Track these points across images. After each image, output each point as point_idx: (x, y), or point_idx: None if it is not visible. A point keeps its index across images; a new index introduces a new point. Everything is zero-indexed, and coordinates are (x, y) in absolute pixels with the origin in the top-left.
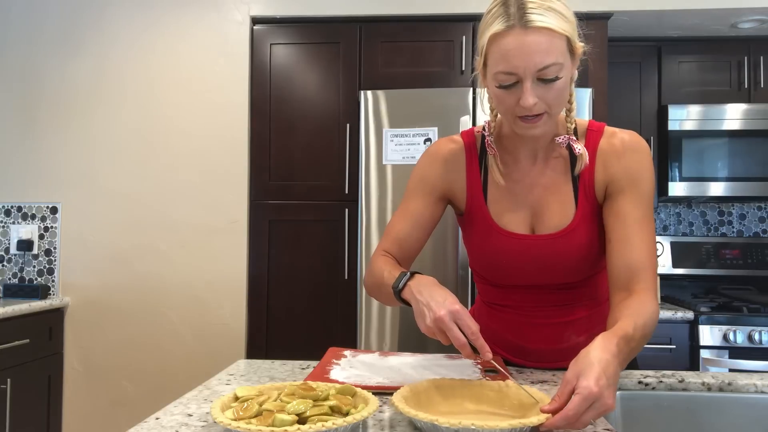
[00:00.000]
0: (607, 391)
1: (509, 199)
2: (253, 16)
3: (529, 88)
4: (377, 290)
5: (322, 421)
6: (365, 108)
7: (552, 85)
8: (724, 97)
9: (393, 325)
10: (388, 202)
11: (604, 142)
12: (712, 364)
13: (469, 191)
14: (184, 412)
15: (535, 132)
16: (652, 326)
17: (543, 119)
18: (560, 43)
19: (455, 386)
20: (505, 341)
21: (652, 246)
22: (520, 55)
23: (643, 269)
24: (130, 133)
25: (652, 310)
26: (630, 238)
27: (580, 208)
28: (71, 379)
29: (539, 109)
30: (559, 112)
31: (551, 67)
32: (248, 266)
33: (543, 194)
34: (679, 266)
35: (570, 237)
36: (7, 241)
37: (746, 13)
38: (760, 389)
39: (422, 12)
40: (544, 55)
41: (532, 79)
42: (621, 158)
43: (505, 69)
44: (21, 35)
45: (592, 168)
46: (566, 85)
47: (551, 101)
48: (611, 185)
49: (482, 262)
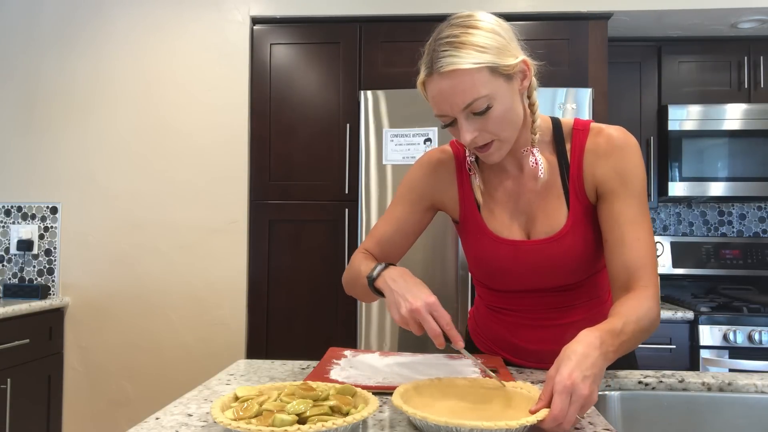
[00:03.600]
0: (583, 382)
1: (502, 207)
2: (253, 16)
3: (463, 125)
4: (353, 284)
5: (322, 421)
6: (365, 108)
7: (487, 116)
8: (724, 97)
9: (393, 325)
10: (388, 202)
11: (590, 142)
12: (712, 364)
13: (462, 201)
14: (184, 412)
15: (493, 158)
16: (650, 320)
17: (494, 146)
18: (478, 76)
19: (456, 385)
20: (504, 342)
21: (648, 243)
22: (441, 99)
23: (641, 267)
24: (130, 133)
25: (648, 305)
26: (625, 239)
27: (572, 210)
28: (71, 379)
29: (483, 139)
30: (509, 136)
31: (476, 102)
32: (248, 266)
33: (534, 200)
34: (679, 266)
35: (564, 240)
36: (7, 241)
37: (746, 13)
38: (760, 389)
39: (422, 12)
40: (462, 96)
41: (464, 116)
42: (609, 158)
43: (437, 112)
44: (20, 35)
45: (580, 169)
46: (504, 110)
47: (493, 129)
48: (601, 186)
49: (480, 269)
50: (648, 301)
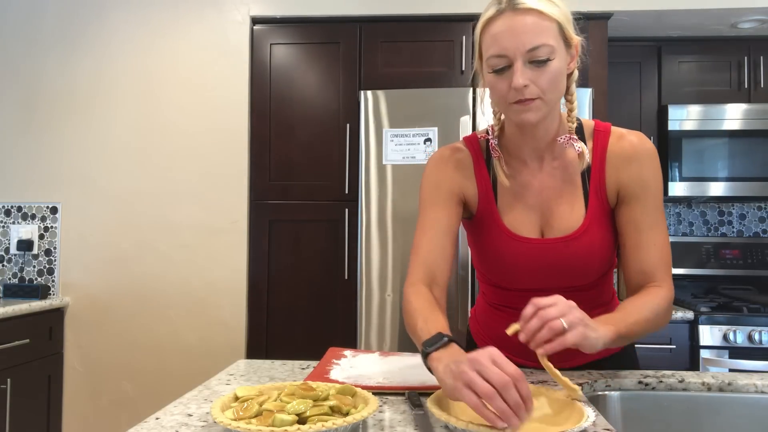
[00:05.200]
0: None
1: (519, 204)
2: (253, 16)
3: (519, 68)
4: (412, 335)
5: (322, 421)
6: (365, 108)
7: (544, 68)
8: (724, 97)
9: (393, 325)
10: (388, 202)
11: (613, 145)
12: (712, 364)
13: (481, 197)
14: (184, 412)
15: (529, 116)
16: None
17: (536, 104)
18: (551, 26)
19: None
20: (507, 340)
21: (665, 248)
22: (509, 36)
23: (656, 269)
24: (130, 133)
25: (657, 301)
26: (643, 245)
27: (590, 210)
28: (71, 379)
29: (531, 92)
30: (553, 99)
31: (541, 48)
32: (248, 266)
33: (552, 197)
34: (679, 266)
35: (580, 240)
36: (7, 241)
37: (746, 13)
38: (760, 389)
39: (422, 12)
40: (532, 36)
41: (523, 60)
42: (632, 163)
43: (496, 52)
44: (22, 35)
45: (602, 171)
46: (560, 70)
47: (544, 85)
48: (623, 190)
49: (491, 266)
50: (657, 297)
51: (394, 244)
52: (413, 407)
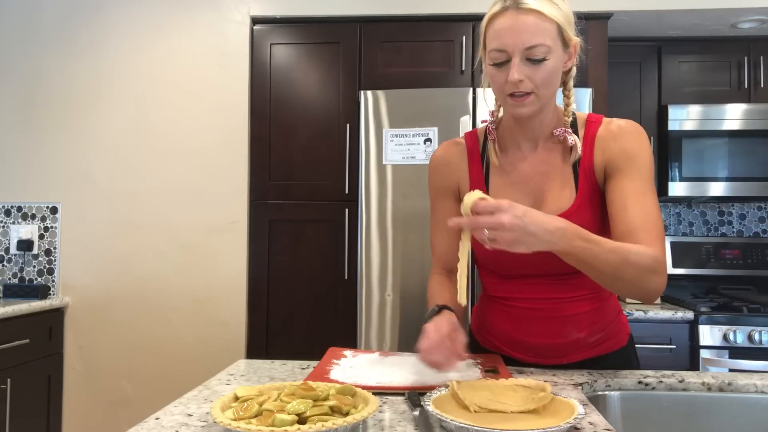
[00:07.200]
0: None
1: (511, 188)
2: (253, 16)
3: (516, 64)
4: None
5: (322, 421)
6: (365, 108)
7: (539, 66)
8: (724, 97)
9: (393, 325)
10: (388, 202)
11: (602, 129)
12: (712, 364)
13: (472, 181)
14: (184, 412)
15: (523, 111)
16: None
17: (530, 99)
18: (550, 27)
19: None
20: (506, 336)
21: (652, 212)
22: (510, 33)
23: (641, 230)
24: (130, 132)
25: (633, 249)
26: (628, 207)
27: (580, 191)
28: (71, 379)
29: (526, 87)
30: (546, 95)
31: (538, 48)
32: (248, 266)
33: (544, 181)
34: (679, 266)
35: (571, 219)
36: (7, 241)
37: (746, 13)
38: (760, 389)
39: (422, 12)
40: (531, 35)
41: (520, 57)
42: (617, 140)
43: (496, 46)
44: (20, 35)
45: (591, 154)
46: (554, 69)
47: (538, 82)
48: (609, 166)
49: (487, 252)
50: (635, 247)
51: (394, 244)
52: (413, 407)
